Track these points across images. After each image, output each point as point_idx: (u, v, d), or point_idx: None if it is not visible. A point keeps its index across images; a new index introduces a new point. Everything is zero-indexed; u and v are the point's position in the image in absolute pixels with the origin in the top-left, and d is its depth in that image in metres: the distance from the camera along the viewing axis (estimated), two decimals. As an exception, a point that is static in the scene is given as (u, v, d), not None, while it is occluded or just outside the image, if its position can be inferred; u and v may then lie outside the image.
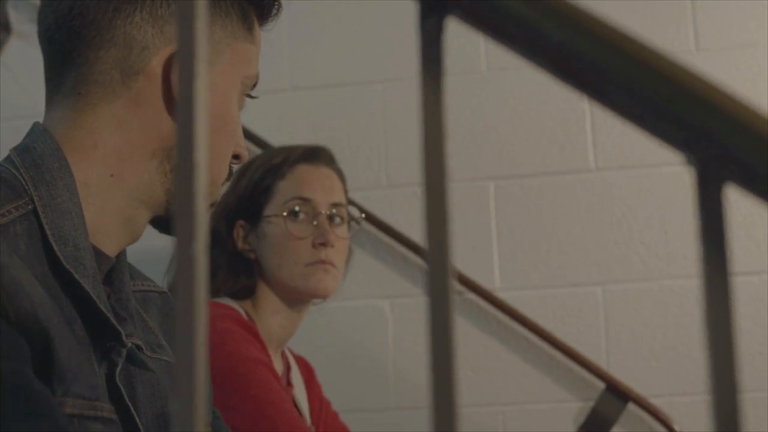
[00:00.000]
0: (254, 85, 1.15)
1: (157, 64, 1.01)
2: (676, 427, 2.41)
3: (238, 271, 1.92)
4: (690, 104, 0.43)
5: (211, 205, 1.14)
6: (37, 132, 1.02)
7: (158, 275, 2.37)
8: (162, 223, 1.08)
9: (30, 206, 0.93)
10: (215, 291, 1.90)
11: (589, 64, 0.45)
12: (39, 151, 0.98)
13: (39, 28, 1.05)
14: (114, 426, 0.91)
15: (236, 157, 1.11)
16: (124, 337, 0.98)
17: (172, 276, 1.99)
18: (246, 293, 1.92)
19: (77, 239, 0.95)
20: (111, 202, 1.01)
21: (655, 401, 2.44)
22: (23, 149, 0.99)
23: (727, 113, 0.43)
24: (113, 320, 0.97)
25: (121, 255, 1.07)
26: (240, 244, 1.94)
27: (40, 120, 1.05)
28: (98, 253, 0.99)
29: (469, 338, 2.55)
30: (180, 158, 0.46)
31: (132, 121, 1.01)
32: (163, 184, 1.03)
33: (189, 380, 0.45)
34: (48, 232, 0.92)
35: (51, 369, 0.85)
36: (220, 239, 1.93)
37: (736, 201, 1.99)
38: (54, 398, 0.85)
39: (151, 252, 2.66)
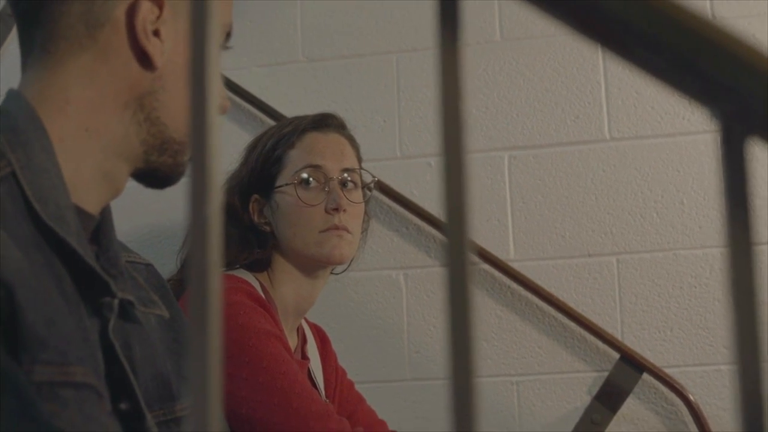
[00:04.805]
0: (228, 35, 1.14)
1: (120, 14, 1.01)
2: (690, 397, 2.41)
3: (251, 244, 1.92)
4: (713, 57, 0.43)
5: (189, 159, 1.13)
6: (11, 96, 1.02)
7: (163, 253, 2.38)
8: (143, 176, 1.08)
9: (9, 169, 0.92)
10: (230, 263, 1.90)
11: (610, 18, 0.44)
12: (13, 114, 0.98)
13: None
14: (87, 390, 0.90)
15: None
16: (113, 287, 0.98)
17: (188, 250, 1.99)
18: (261, 265, 1.92)
19: (58, 198, 0.94)
20: (88, 157, 1.00)
21: (670, 371, 2.44)
22: None
23: (751, 66, 0.42)
24: (101, 272, 0.96)
25: (106, 214, 1.06)
26: (256, 218, 1.93)
27: None
28: (80, 211, 0.99)
29: (484, 309, 2.55)
30: (192, 120, 0.46)
31: (101, 72, 1.01)
32: (138, 135, 1.03)
33: (203, 341, 0.44)
34: (28, 193, 0.92)
35: (17, 336, 0.84)
36: (235, 214, 1.93)
37: (760, 170, 1.95)
38: (20, 368, 0.83)
39: (156, 231, 2.67)
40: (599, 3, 0.44)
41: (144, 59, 1.02)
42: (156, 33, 1.02)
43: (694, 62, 0.43)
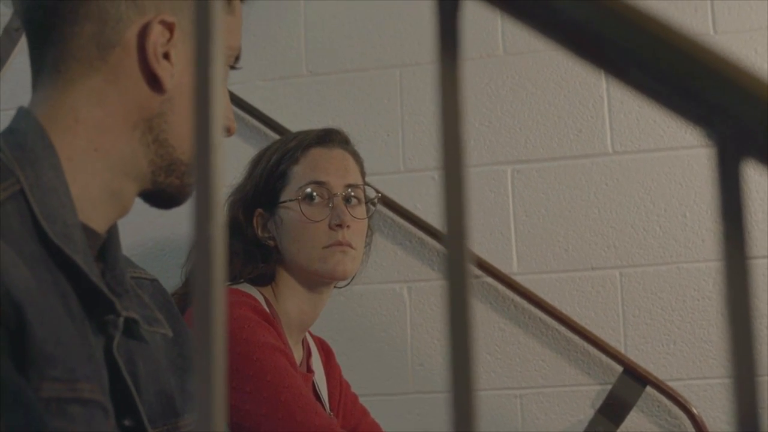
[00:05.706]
0: (237, 58, 1.15)
1: (131, 36, 1.02)
2: (694, 411, 2.41)
3: (255, 258, 1.92)
4: (708, 80, 0.43)
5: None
6: (21, 114, 1.03)
7: (168, 267, 2.39)
8: (150, 196, 1.09)
9: (17, 186, 0.93)
10: (234, 277, 1.91)
11: (606, 40, 0.45)
12: (23, 132, 0.99)
13: (18, 11, 1.06)
14: (94, 406, 0.90)
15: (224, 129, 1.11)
16: (118, 306, 0.98)
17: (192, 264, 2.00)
18: (265, 279, 1.92)
19: (65, 216, 0.95)
20: (96, 176, 1.01)
21: (673, 384, 2.44)
22: (8, 132, 1.00)
23: (745, 89, 0.43)
24: (106, 291, 0.97)
25: (113, 232, 1.07)
26: (260, 233, 1.94)
27: None
28: (87, 230, 1.00)
29: (487, 322, 2.55)
30: (197, 138, 0.47)
31: (111, 93, 1.02)
32: (146, 156, 1.04)
33: (208, 357, 0.45)
34: (36, 211, 0.93)
35: (26, 353, 0.85)
36: (239, 228, 1.93)
37: (755, 184, 1.96)
38: (28, 384, 0.84)
39: (161, 244, 2.67)
40: (596, 26, 0.45)
41: (154, 81, 1.03)
42: (166, 56, 1.03)
43: (689, 84, 0.44)
